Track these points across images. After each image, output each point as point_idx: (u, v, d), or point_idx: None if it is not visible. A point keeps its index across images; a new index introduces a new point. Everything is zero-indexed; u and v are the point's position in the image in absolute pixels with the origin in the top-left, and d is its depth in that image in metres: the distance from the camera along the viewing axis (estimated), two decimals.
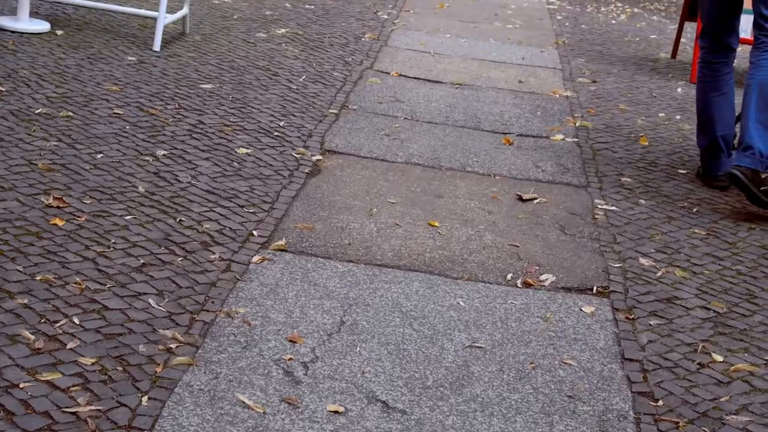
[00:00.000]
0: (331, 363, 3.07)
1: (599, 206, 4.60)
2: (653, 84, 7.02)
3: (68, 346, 2.94)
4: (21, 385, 2.73)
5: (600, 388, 3.11)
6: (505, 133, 5.51)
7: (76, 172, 4.18)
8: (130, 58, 5.90)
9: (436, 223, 4.20)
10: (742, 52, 7.15)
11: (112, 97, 5.16)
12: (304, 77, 6.09)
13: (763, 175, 4.54)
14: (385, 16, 8.21)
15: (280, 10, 7.90)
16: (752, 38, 6.95)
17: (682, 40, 8.15)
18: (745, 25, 5.92)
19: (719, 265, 4.14)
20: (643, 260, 4.08)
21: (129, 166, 4.33)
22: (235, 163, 4.55)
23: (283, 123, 5.19)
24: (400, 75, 6.49)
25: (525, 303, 3.61)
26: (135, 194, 4.06)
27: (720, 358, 3.37)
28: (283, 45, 6.78)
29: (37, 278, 3.29)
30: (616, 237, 4.28)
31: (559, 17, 9.20)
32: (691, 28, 8.25)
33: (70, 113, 4.84)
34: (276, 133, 5.01)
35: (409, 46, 7.33)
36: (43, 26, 6.20)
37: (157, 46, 6.16)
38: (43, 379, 2.78)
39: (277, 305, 3.37)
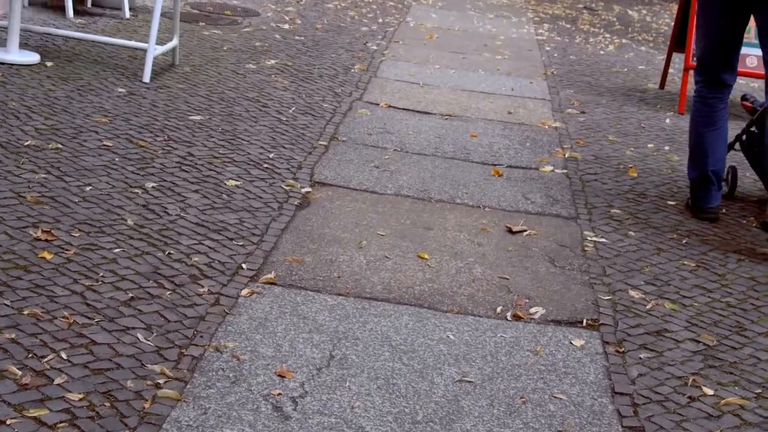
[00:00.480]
0: (320, 398, 3.05)
1: (589, 238, 4.60)
2: (642, 115, 7.04)
3: (56, 382, 2.92)
4: (8, 422, 2.71)
5: (590, 423, 3.10)
6: (495, 165, 5.52)
7: (65, 205, 4.17)
8: (119, 90, 5.90)
9: (426, 256, 4.19)
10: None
11: (102, 129, 5.16)
12: (293, 109, 6.09)
13: None
14: (375, 47, 8.24)
15: (270, 41, 7.92)
16: (751, 71, 7.05)
17: (670, 70, 8.19)
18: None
19: (709, 297, 4.14)
20: (632, 292, 4.07)
21: (118, 198, 4.32)
22: (224, 196, 4.54)
23: (272, 155, 5.19)
24: (390, 106, 6.50)
25: (515, 336, 3.60)
26: (124, 227, 4.05)
27: (710, 392, 3.37)
28: (273, 76, 6.79)
29: (25, 312, 3.28)
30: (605, 269, 4.28)
31: (547, 48, 9.24)
32: (679, 59, 8.28)
33: (59, 145, 4.83)
34: (265, 165, 5.01)
35: (398, 77, 7.35)
36: (33, 58, 6.21)
37: (146, 78, 6.16)
38: (30, 415, 2.76)
39: (266, 339, 3.36)
